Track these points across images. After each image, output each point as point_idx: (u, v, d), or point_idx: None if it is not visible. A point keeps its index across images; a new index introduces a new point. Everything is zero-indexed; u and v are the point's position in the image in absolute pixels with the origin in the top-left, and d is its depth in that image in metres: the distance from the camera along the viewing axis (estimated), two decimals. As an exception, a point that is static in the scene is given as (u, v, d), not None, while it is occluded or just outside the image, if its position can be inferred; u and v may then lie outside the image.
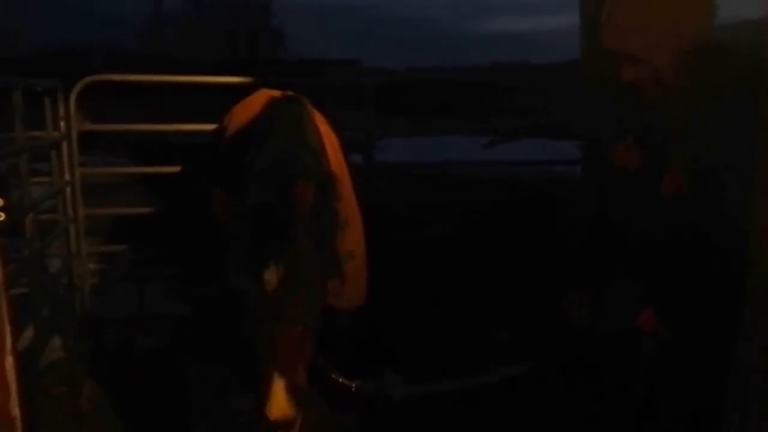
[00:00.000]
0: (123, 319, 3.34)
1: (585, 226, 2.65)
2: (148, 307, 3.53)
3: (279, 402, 1.55)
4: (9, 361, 1.12)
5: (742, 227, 1.36)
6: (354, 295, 2.04)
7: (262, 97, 2.32)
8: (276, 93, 2.32)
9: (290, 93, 2.22)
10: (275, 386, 1.55)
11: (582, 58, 3.52)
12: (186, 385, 2.82)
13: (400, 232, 3.84)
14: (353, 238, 2.03)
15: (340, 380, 1.80)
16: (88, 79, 3.31)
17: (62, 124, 3.20)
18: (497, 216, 4.06)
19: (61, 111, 3.19)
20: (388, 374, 2.06)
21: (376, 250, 2.19)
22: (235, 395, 2.69)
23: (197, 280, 3.43)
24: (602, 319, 1.85)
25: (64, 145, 3.21)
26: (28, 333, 2.59)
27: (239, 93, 2.82)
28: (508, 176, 5.42)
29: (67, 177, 3.23)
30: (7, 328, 1.12)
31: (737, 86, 1.58)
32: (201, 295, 3.42)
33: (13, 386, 1.12)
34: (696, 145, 1.57)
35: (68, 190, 3.25)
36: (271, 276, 1.55)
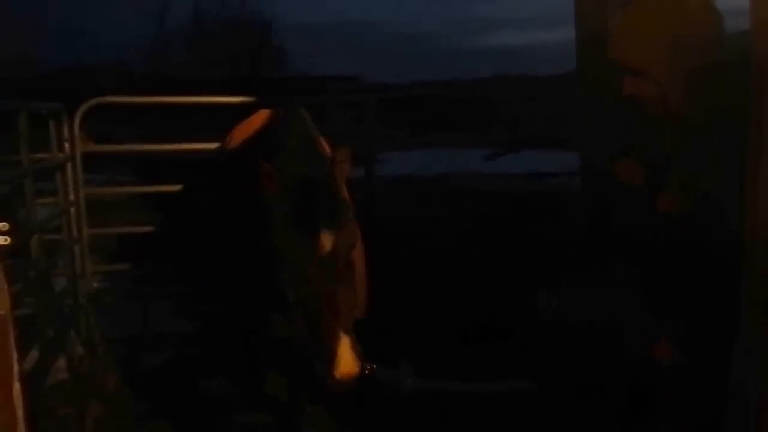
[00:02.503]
0: (128, 338, 3.36)
1: (585, 238, 2.65)
2: (153, 325, 3.54)
3: (346, 359, 1.63)
4: (16, 387, 1.15)
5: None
6: (355, 309, 2.06)
7: (262, 117, 2.36)
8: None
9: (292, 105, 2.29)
10: (342, 344, 1.63)
11: (579, 71, 3.56)
12: (191, 403, 2.82)
13: (402, 245, 3.86)
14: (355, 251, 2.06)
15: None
16: (91, 102, 3.36)
17: (66, 145, 3.23)
18: (498, 228, 4.07)
19: (66, 133, 3.23)
20: (403, 363, 2.08)
21: (377, 263, 2.20)
22: (240, 412, 2.69)
23: (202, 297, 3.45)
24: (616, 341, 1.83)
25: (69, 166, 3.24)
26: (34, 354, 2.60)
27: (241, 110, 2.87)
28: (509, 188, 5.44)
29: (72, 197, 3.26)
30: (15, 355, 1.16)
31: (740, 106, 1.61)
32: (205, 312, 3.44)
33: (19, 413, 1.15)
34: (697, 165, 1.57)
35: (72, 210, 3.28)
36: (326, 241, 1.66)
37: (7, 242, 1.28)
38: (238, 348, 2.71)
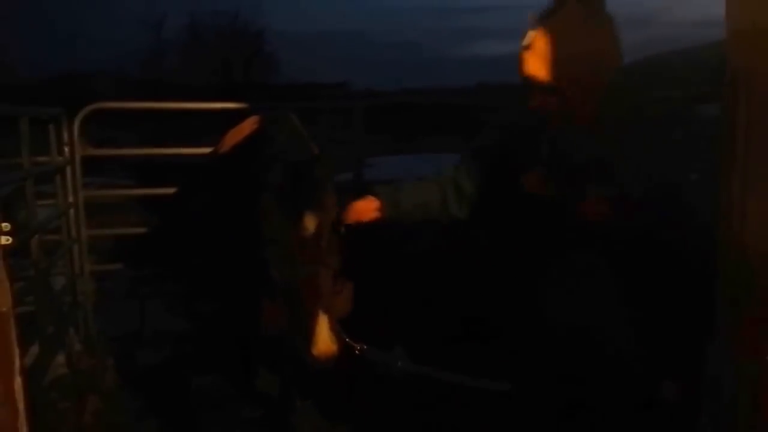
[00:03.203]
0: (125, 335, 3.42)
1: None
2: (150, 324, 3.60)
3: (324, 338, 1.72)
4: (17, 381, 1.18)
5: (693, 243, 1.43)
6: (341, 306, 2.14)
7: (252, 122, 2.47)
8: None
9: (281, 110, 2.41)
10: (320, 323, 1.73)
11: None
12: (187, 400, 2.87)
13: (390, 247, 3.92)
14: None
15: (347, 340, 1.92)
16: (90, 107, 3.41)
17: (66, 149, 3.29)
18: (486, 231, 4.12)
19: (65, 137, 3.28)
20: (397, 348, 2.16)
21: (367, 265, 2.29)
22: (233, 408, 2.77)
23: (197, 297, 3.53)
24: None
25: (68, 169, 3.30)
26: (34, 350, 2.67)
27: (234, 116, 2.96)
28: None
29: (71, 199, 3.31)
30: (16, 351, 1.18)
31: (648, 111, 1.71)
32: (200, 312, 3.51)
33: (21, 406, 1.18)
34: (611, 172, 1.65)
35: (72, 211, 3.34)
36: (309, 222, 1.77)
37: (9, 242, 1.27)
38: (231, 346, 2.80)
